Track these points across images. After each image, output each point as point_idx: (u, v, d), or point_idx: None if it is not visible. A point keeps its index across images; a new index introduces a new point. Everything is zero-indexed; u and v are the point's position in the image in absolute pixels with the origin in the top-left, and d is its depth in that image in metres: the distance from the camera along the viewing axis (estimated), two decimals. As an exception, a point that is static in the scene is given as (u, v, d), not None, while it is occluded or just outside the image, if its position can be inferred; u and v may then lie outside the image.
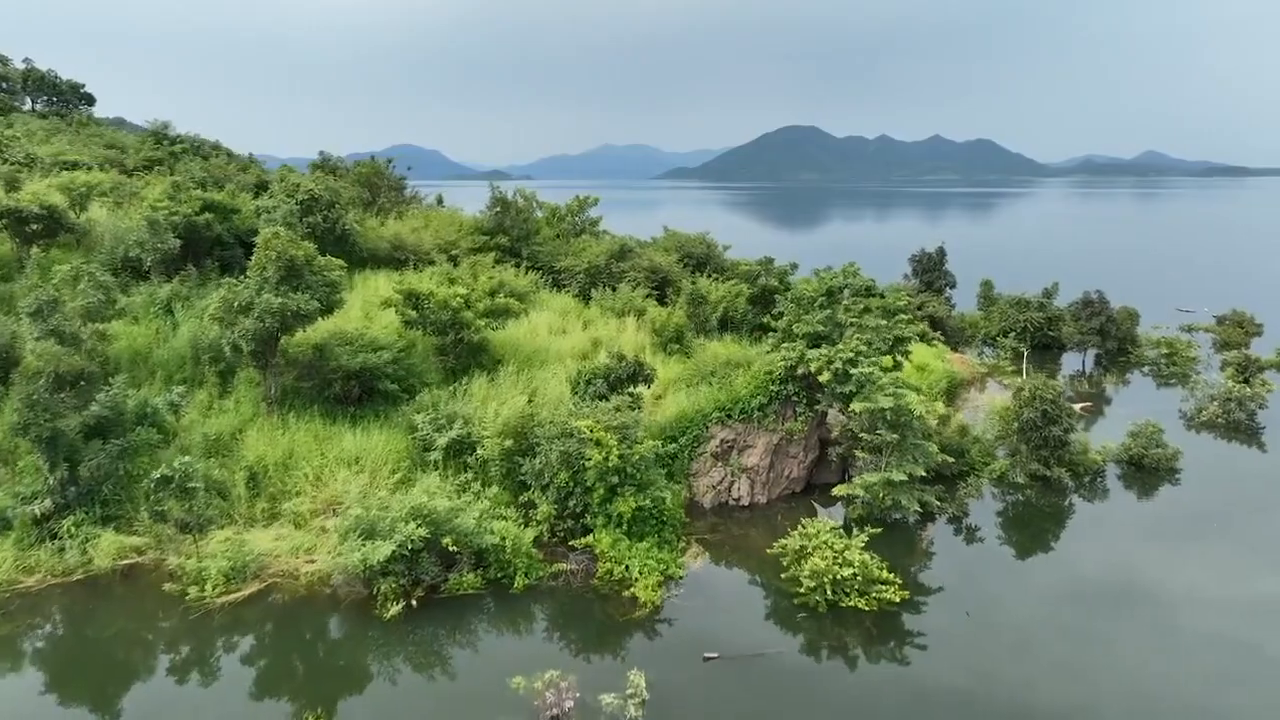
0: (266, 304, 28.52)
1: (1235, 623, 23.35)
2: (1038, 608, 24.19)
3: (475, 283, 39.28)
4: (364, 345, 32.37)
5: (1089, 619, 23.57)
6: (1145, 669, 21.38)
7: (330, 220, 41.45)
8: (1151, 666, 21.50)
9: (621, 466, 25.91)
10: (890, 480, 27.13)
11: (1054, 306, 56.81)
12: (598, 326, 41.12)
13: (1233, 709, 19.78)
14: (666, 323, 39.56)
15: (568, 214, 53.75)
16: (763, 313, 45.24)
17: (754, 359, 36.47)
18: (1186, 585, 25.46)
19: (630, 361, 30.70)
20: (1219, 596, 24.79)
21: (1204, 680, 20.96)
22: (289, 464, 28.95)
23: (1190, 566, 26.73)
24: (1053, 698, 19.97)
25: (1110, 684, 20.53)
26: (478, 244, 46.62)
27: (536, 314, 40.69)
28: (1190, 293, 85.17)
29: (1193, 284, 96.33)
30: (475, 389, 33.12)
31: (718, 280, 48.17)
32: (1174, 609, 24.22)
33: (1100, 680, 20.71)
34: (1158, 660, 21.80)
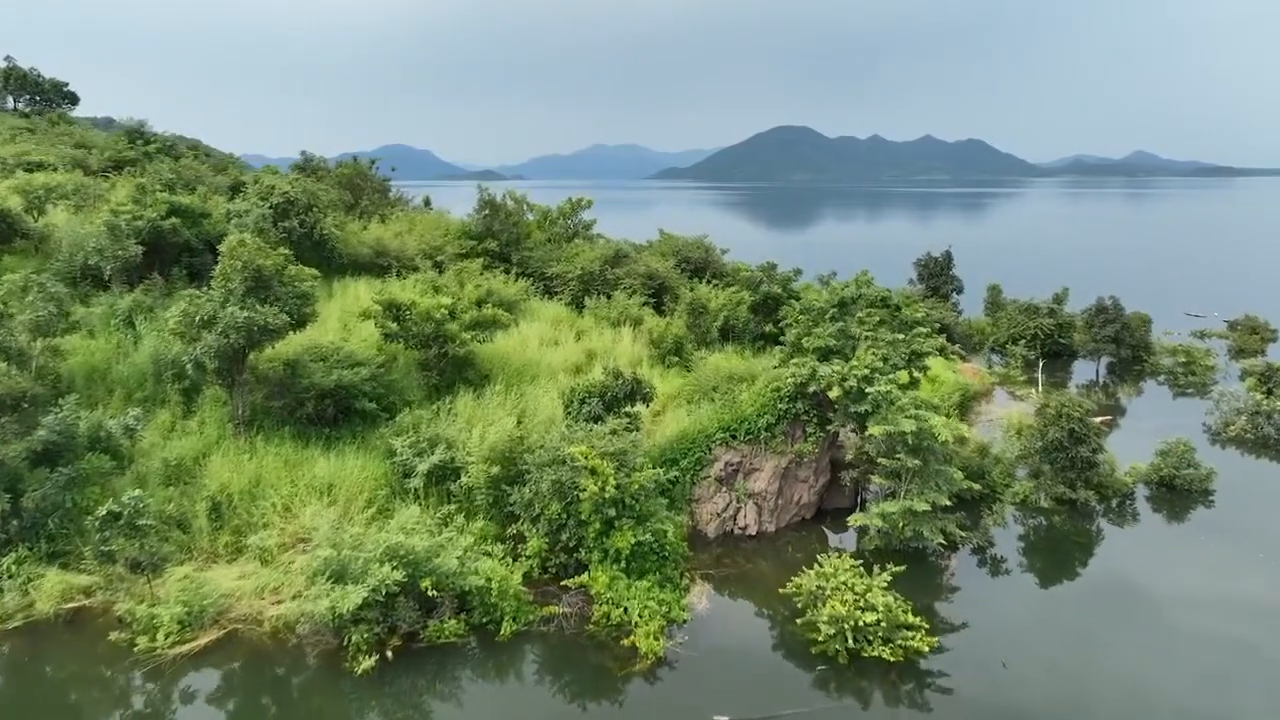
0: (231, 318, 26.12)
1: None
2: (1079, 651, 22.02)
3: (461, 292, 36.99)
4: (340, 361, 29.99)
5: (1138, 663, 21.43)
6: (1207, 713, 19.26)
7: (307, 225, 39.00)
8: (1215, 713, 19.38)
9: (619, 497, 23.62)
10: (912, 510, 24.91)
11: (1065, 312, 54.82)
12: (592, 337, 38.84)
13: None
14: (665, 333, 37.32)
15: (560, 217, 51.44)
16: (765, 321, 43.10)
17: (758, 372, 34.29)
18: (1246, 625, 23.35)
19: (628, 379, 28.41)
20: (1273, 638, 22.71)
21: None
22: (256, 492, 26.50)
23: (1242, 603, 24.62)
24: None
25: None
26: (465, 249, 44.24)
27: (527, 324, 38.36)
28: (1194, 295, 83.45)
29: (1195, 286, 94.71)
30: (460, 407, 30.76)
31: (718, 287, 45.96)
32: (1240, 652, 22.11)
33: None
34: (1221, 707, 19.67)
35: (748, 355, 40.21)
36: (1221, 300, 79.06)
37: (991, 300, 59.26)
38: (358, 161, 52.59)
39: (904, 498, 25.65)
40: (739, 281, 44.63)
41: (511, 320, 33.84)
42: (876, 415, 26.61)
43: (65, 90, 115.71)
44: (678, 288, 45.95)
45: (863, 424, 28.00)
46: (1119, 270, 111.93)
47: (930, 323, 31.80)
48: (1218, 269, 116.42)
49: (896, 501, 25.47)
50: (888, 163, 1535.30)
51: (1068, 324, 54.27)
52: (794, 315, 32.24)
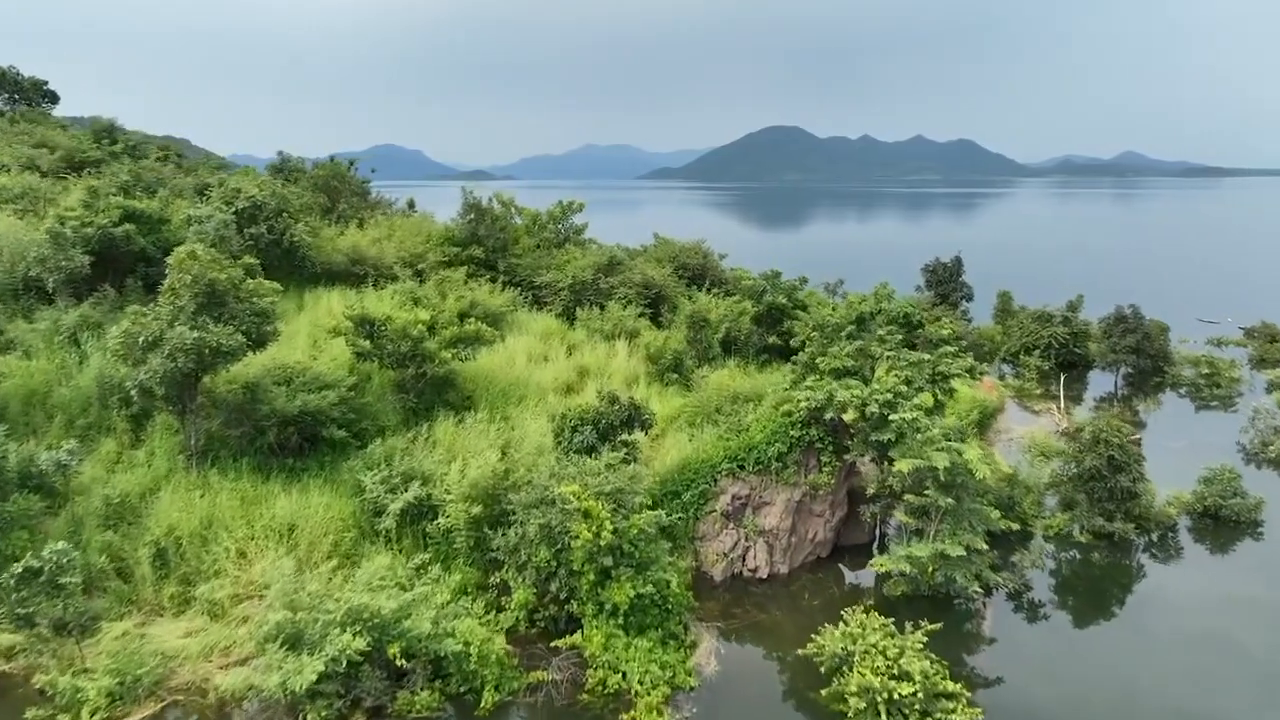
0: (179, 339, 23.19)
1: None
2: None
3: (443, 304, 34.15)
4: (306, 383, 27.08)
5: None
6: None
7: (276, 231, 36.06)
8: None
9: (616, 544, 20.87)
10: (944, 554, 22.23)
11: (1080, 321, 52.35)
12: (584, 352, 36.04)
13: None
14: (663, 349, 34.55)
15: (549, 221, 48.58)
16: (769, 333, 40.43)
17: (765, 391, 31.59)
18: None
19: (624, 404, 25.63)
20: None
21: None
22: (208, 535, 23.56)
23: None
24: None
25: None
26: (448, 256, 41.34)
27: (514, 338, 35.52)
28: (1198, 298, 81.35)
29: (1199, 289, 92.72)
30: (440, 433, 27.91)
31: (717, 295, 43.25)
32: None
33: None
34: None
35: (752, 370, 37.54)
36: (1228, 304, 76.97)
37: (1001, 307, 56.73)
38: (335, 162, 49.58)
39: (933, 539, 22.97)
40: (740, 290, 41.92)
41: (496, 336, 30.99)
42: (901, 445, 23.94)
43: (45, 89, 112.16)
44: (675, 297, 43.25)
45: (884, 453, 25.33)
46: (1119, 272, 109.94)
47: (955, 340, 29.13)
48: (1220, 271, 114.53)
49: (925, 543, 22.78)
50: (879, 163, 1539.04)
51: (1083, 333, 51.79)
52: (806, 332, 29.55)
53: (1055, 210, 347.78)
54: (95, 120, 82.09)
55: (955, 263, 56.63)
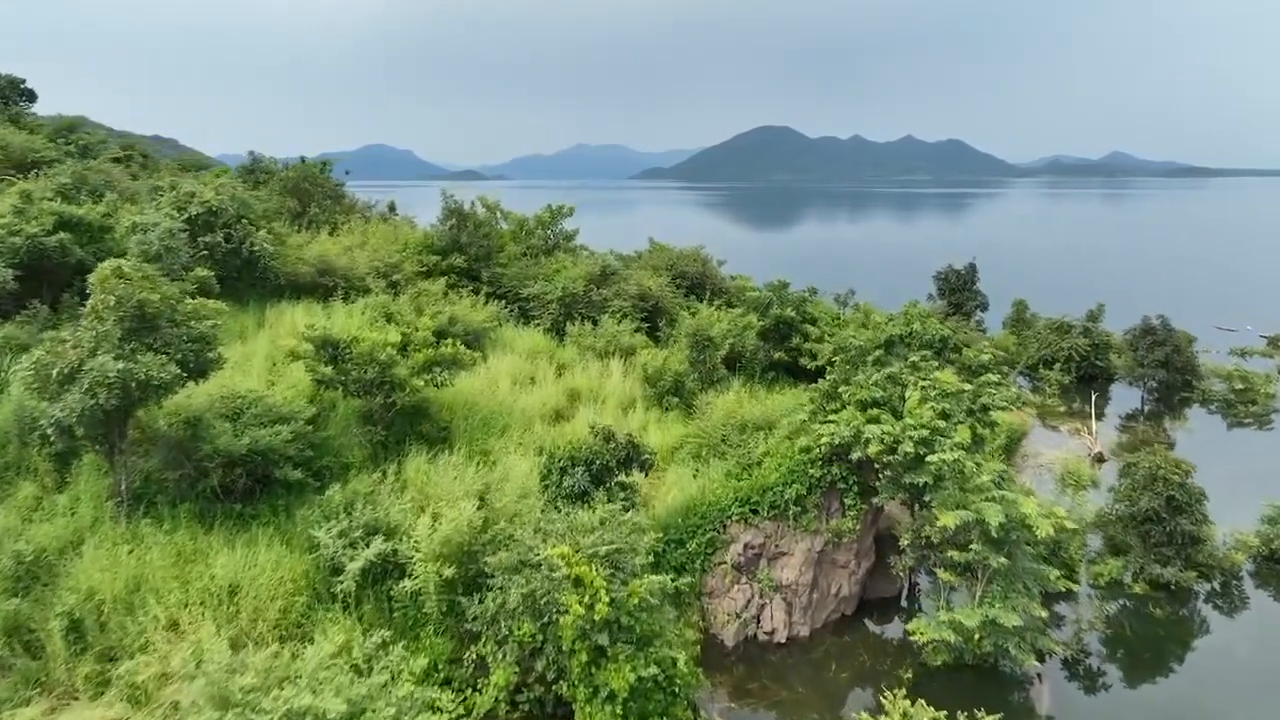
0: (100, 371, 19.78)
1: None
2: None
3: (418, 321, 30.80)
4: (258, 416, 23.67)
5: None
6: None
7: (235, 240, 32.60)
8: None
9: (614, 617, 17.61)
10: (995, 623, 19.04)
11: (1100, 331, 49.40)
12: (575, 373, 32.75)
13: None
14: (662, 369, 31.28)
15: (538, 226, 45.21)
16: (776, 348, 37.28)
17: (776, 417, 28.43)
18: None
19: (622, 442, 22.34)
20: None
21: None
22: (135, 600, 20.17)
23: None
24: None
25: None
26: (427, 266, 37.96)
27: (498, 357, 32.18)
28: (1207, 303, 78.80)
29: (1206, 293, 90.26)
30: (412, 471, 24.56)
31: (718, 306, 40.03)
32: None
33: None
34: None
35: (759, 392, 34.38)
36: (1238, 308, 74.55)
37: (1016, 316, 53.70)
38: (306, 163, 46.08)
39: (980, 600, 19.79)
40: (744, 303, 38.70)
41: (476, 358, 27.61)
42: (940, 491, 20.75)
43: (22, 87, 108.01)
44: (673, 310, 40.00)
45: (918, 496, 22.16)
46: (1120, 274, 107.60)
47: (998, 367, 25.93)
48: (1224, 273, 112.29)
49: (972, 607, 19.60)
50: (869, 163, 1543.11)
51: (1104, 344, 48.84)
52: (827, 356, 26.36)
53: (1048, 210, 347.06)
54: (80, 119, 78.18)
55: (969, 270, 53.54)
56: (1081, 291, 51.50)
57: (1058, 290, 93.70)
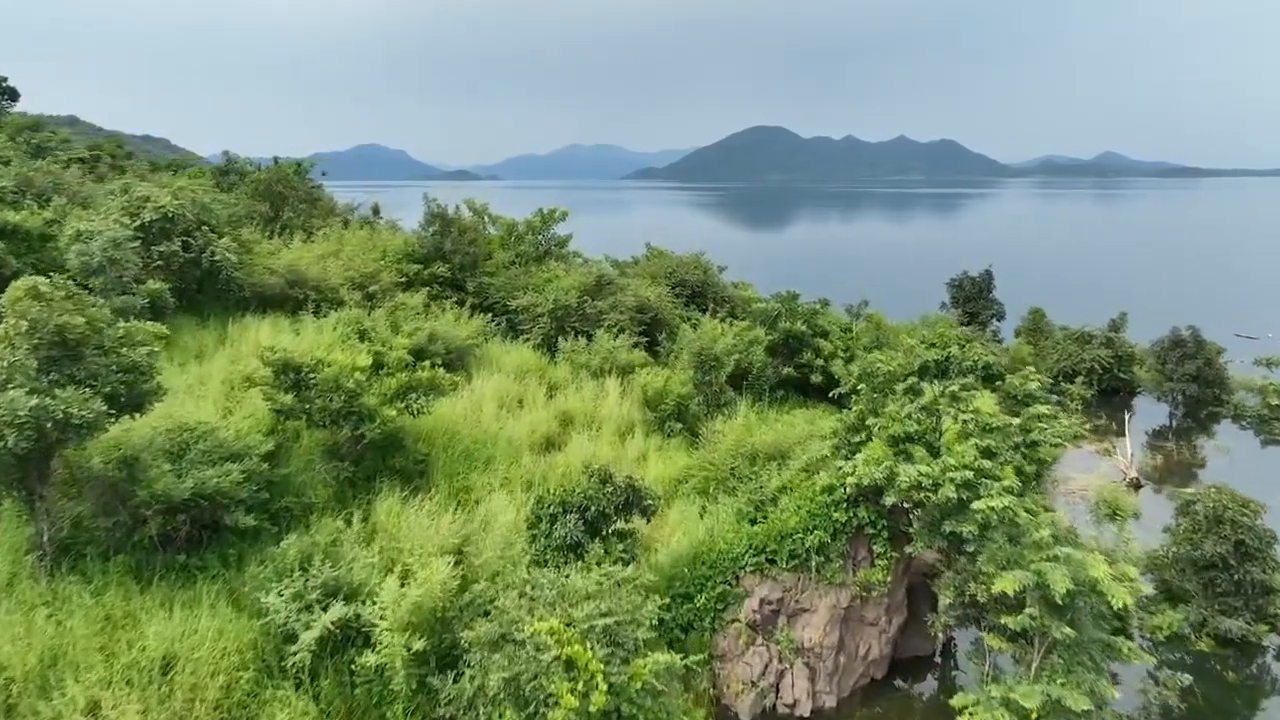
0: (8, 410, 16.83)
1: None
2: None
3: (394, 338, 27.93)
4: (205, 454, 20.73)
5: None
6: None
7: (194, 249, 29.64)
8: None
9: (614, 706, 14.80)
10: (1060, 704, 16.24)
11: (1124, 341, 46.78)
12: (567, 395, 29.89)
13: None
14: (663, 391, 28.46)
15: (528, 232, 42.29)
16: (786, 363, 34.51)
17: (790, 445, 25.71)
18: None
19: (620, 486, 19.50)
20: None
21: None
22: (51, 677, 17.24)
23: None
24: None
25: None
26: (408, 275, 35.02)
27: (482, 378, 29.29)
28: (1219, 307, 76.51)
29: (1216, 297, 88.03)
30: (382, 514, 21.66)
31: (723, 319, 37.27)
32: None
33: None
34: None
35: (769, 415, 31.64)
36: (1249, 312, 72.25)
37: (1032, 325, 51.01)
38: (279, 164, 43.10)
39: (1039, 676, 17.00)
40: (751, 315, 35.90)
41: (457, 382, 24.69)
42: (988, 543, 17.96)
43: (4, 85, 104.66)
44: (674, 322, 37.19)
45: (960, 546, 19.37)
46: (1126, 277, 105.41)
47: (1047, 397, 23.15)
48: (1232, 275, 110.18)
49: (1029, 684, 16.80)
50: (862, 163, 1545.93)
51: (1128, 356, 46.24)
52: (849, 380, 23.60)
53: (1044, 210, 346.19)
54: (70, 118, 74.78)
55: (985, 277, 50.80)
56: (1085, 295, 49.17)
57: (1062, 293, 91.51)
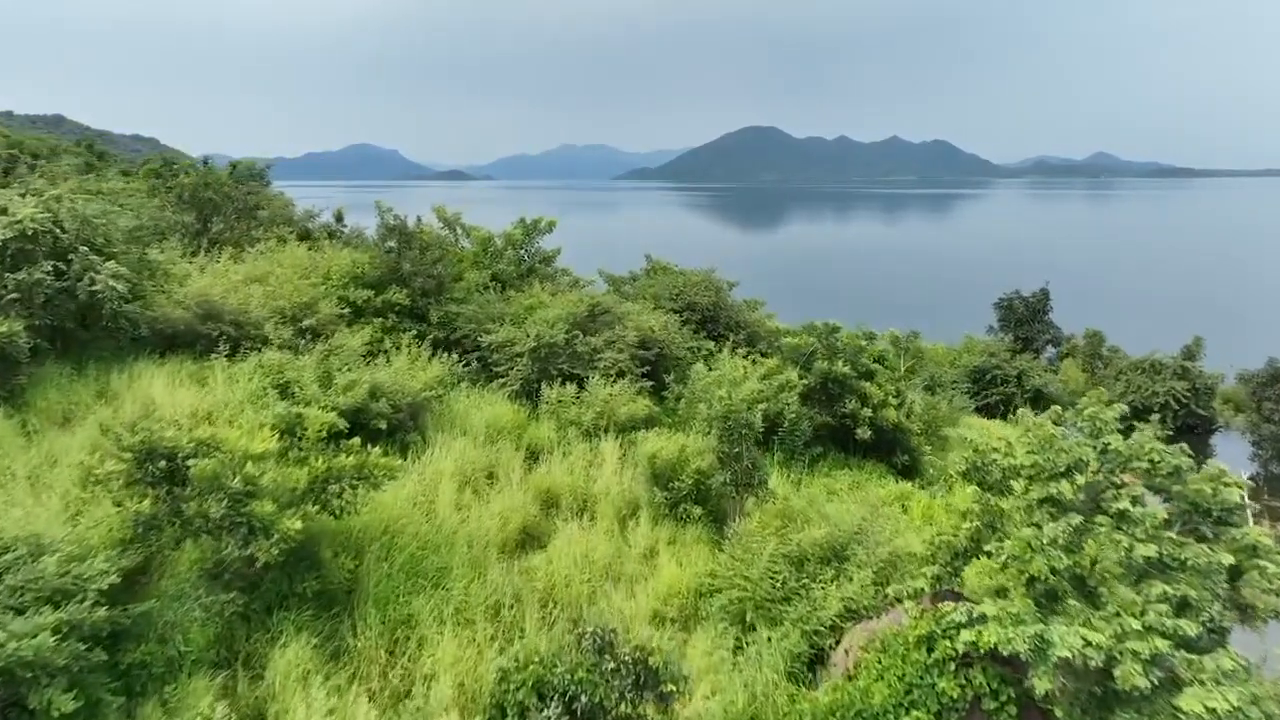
0: None
1: None
2: None
3: (324, 395, 21.27)
4: (12, 594, 13.98)
5: None
6: None
7: (69, 276, 22.88)
8: None
9: None
10: None
11: (1200, 372, 40.43)
12: (552, 462, 23.18)
13: None
14: (677, 462, 21.78)
15: (508, 246, 35.50)
16: (825, 412, 27.98)
17: (845, 537, 19.27)
18: None
19: (627, 660, 12.86)
20: None
21: None
22: None
23: None
24: None
25: None
26: (356, 303, 28.29)
27: (442, 443, 22.54)
28: (1247, 316, 70.60)
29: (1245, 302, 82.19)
30: (281, 673, 14.96)
31: (749, 356, 30.69)
32: None
33: None
34: None
35: (805, 477, 25.14)
36: None
37: (1090, 351, 44.47)
38: (209, 167, 36.25)
39: None
40: (781, 352, 29.30)
41: (394, 471, 17.93)
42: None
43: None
44: (683, 356, 30.63)
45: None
46: (1142, 280, 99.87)
47: (1241, 505, 16.54)
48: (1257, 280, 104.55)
49: None
50: (855, 163, 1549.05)
51: (1206, 389, 39.88)
52: (950, 476, 16.96)
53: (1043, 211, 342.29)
54: (56, 117, 68.18)
55: (1040, 297, 44.18)
56: (1100, 302, 43.21)
57: (1072, 298, 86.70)
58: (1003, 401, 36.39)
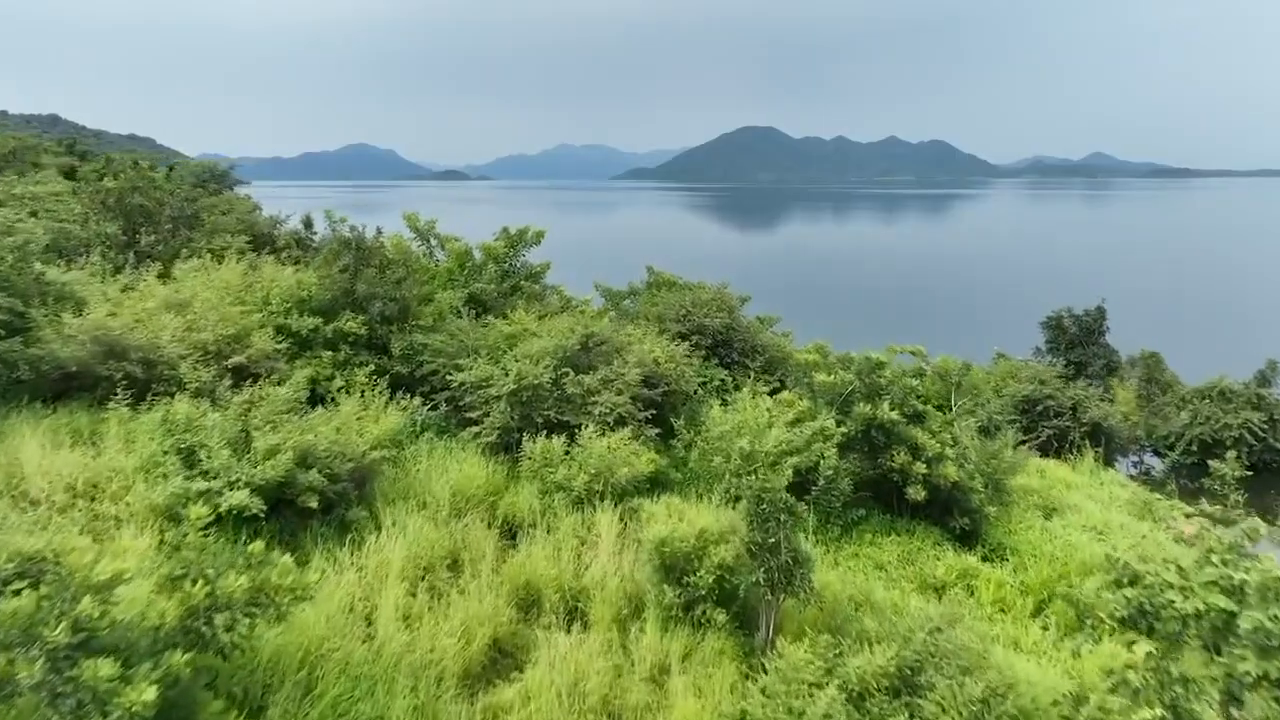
0: None
1: None
2: None
3: (236, 463, 16.42)
4: None
5: None
6: None
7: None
8: None
9: None
10: None
11: (1278, 401, 35.70)
12: (533, 542, 18.28)
13: None
14: (693, 552, 16.86)
15: (489, 261, 30.52)
16: (867, 462, 23.18)
17: (920, 658, 14.53)
18: None
19: None
20: None
21: None
22: None
23: None
24: None
25: None
26: (302, 332, 23.37)
27: (392, 526, 17.64)
28: (1242, 318, 66.32)
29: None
30: None
31: (772, 390, 25.83)
32: None
33: None
34: None
35: (846, 546, 20.38)
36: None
37: (1147, 375, 39.58)
38: (138, 169, 31.24)
39: None
40: (812, 391, 24.42)
41: (302, 594, 13.01)
42: None
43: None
44: (695, 394, 25.81)
45: None
46: (1137, 279, 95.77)
47: None
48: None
49: None
50: (853, 163, 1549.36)
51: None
52: (1107, 610, 12.08)
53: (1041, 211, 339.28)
54: (52, 117, 63.32)
55: (1095, 316, 39.24)
56: (1099, 301, 38.92)
57: (1072, 298, 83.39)
58: (1056, 437, 31.58)
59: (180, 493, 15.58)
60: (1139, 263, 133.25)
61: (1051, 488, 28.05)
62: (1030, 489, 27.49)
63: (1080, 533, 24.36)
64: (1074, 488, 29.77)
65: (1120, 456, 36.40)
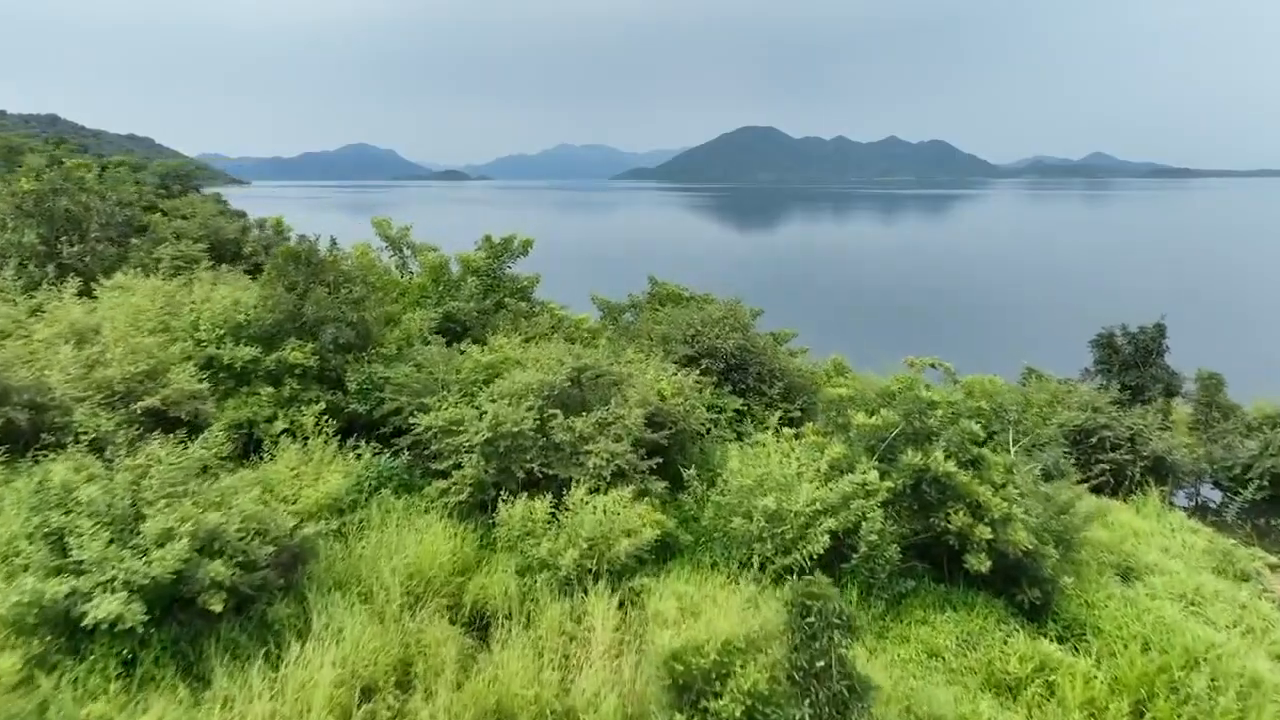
0: None
1: None
2: None
3: (115, 555, 12.44)
4: None
5: None
6: None
7: None
8: None
9: None
10: None
11: (1358, 429, 31.72)
12: (508, 645, 14.35)
13: None
14: (715, 668, 12.92)
15: (467, 275, 26.47)
16: (919, 525, 19.31)
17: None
18: None
19: None
20: None
21: None
22: None
23: None
24: None
25: None
26: (236, 364, 19.45)
27: (324, 631, 13.73)
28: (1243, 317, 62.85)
29: None
30: None
31: (799, 430, 21.83)
32: None
33: None
34: None
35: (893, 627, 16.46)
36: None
37: (1205, 399, 35.52)
38: (63, 166, 27.26)
39: None
40: (847, 431, 20.44)
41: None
42: None
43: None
44: (707, 435, 21.86)
45: None
46: (1137, 278, 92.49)
47: None
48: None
49: None
50: (853, 163, 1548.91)
51: (1367, 449, 31.19)
52: None
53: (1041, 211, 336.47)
54: (51, 116, 59.44)
55: (1154, 334, 35.11)
56: (1100, 301, 35.45)
57: (1073, 297, 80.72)
58: (1112, 473, 27.65)
59: (31, 600, 11.65)
60: (1139, 263, 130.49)
61: (1123, 540, 24.07)
62: (1099, 543, 23.45)
63: (1170, 602, 20.36)
64: (1142, 536, 25.80)
65: (1175, 489, 32.57)
